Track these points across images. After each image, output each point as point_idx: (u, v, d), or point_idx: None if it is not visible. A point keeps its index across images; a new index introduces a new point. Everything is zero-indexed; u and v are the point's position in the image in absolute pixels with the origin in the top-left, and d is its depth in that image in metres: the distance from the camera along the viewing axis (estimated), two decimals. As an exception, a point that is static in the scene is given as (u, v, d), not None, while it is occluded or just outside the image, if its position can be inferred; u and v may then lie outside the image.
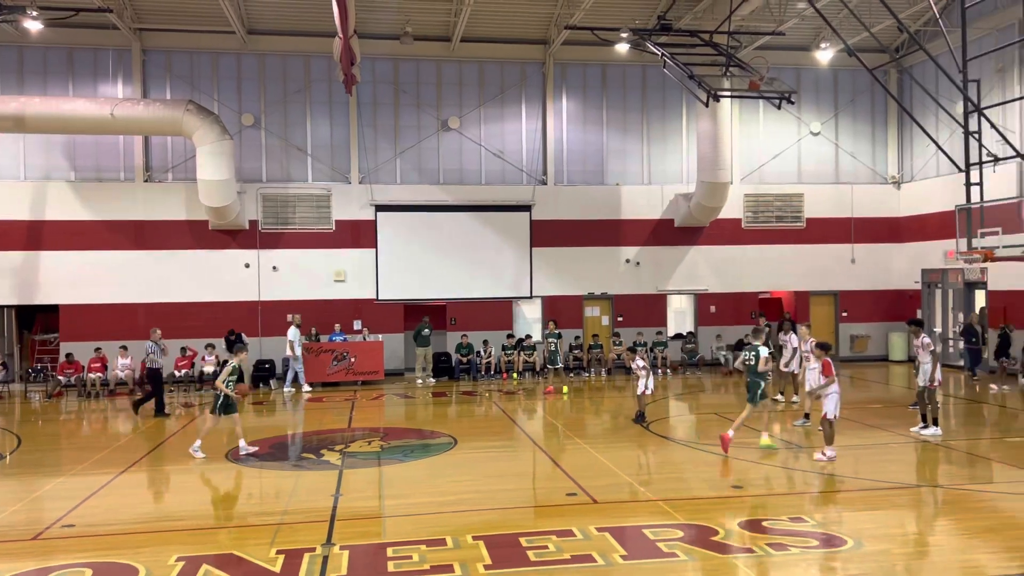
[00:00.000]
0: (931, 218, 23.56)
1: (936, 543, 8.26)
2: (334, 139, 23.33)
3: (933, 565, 7.56)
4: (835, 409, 11.76)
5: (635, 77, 24.53)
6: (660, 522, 8.80)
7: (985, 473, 11.17)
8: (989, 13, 20.66)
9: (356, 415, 16.88)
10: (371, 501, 10.10)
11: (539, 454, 12.92)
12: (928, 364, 13.44)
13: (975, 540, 8.18)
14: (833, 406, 11.74)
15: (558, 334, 20.82)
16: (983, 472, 11.23)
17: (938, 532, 8.71)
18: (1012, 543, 8.04)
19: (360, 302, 23.03)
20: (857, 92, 25.42)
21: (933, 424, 13.43)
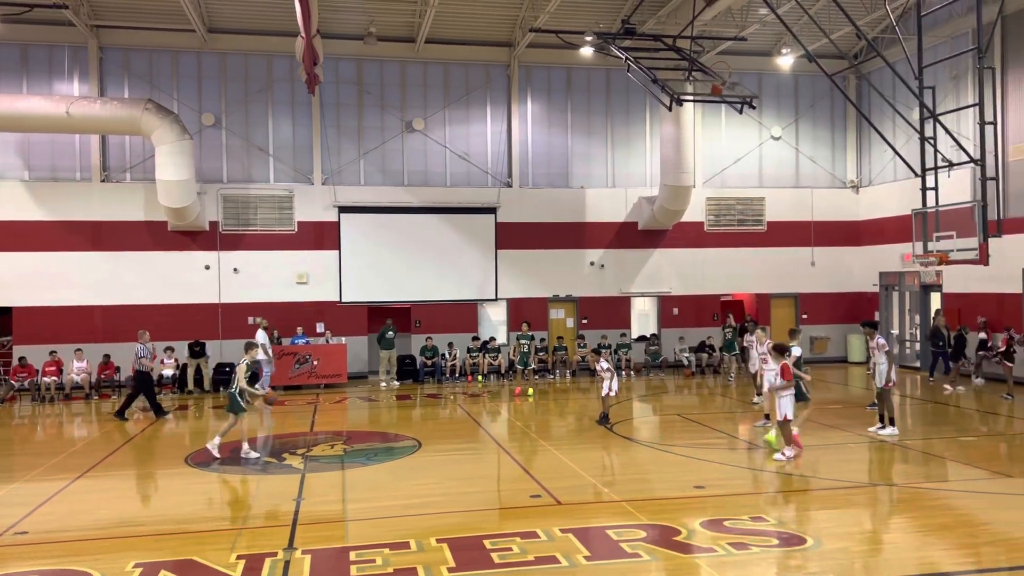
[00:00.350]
0: (889, 222, 24.03)
1: (893, 541, 8.40)
2: (296, 140, 23.10)
3: (889, 562, 7.69)
4: (791, 410, 11.92)
5: (599, 81, 24.67)
6: (624, 523, 8.84)
7: (940, 472, 11.41)
8: (944, 22, 21.15)
9: (319, 419, 16.72)
10: (334, 505, 10.00)
11: (504, 456, 12.91)
12: (884, 365, 13.70)
13: (930, 537, 8.35)
14: (789, 407, 11.90)
15: (531, 336, 20.84)
16: (938, 471, 11.46)
17: (894, 530, 8.87)
18: (965, 540, 8.21)
19: (323, 304, 22.83)
20: (817, 97, 25.84)
21: (890, 424, 13.68)
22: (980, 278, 19.50)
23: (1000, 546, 8.04)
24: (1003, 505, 9.56)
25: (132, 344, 20.43)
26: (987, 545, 8.10)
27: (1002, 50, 19.99)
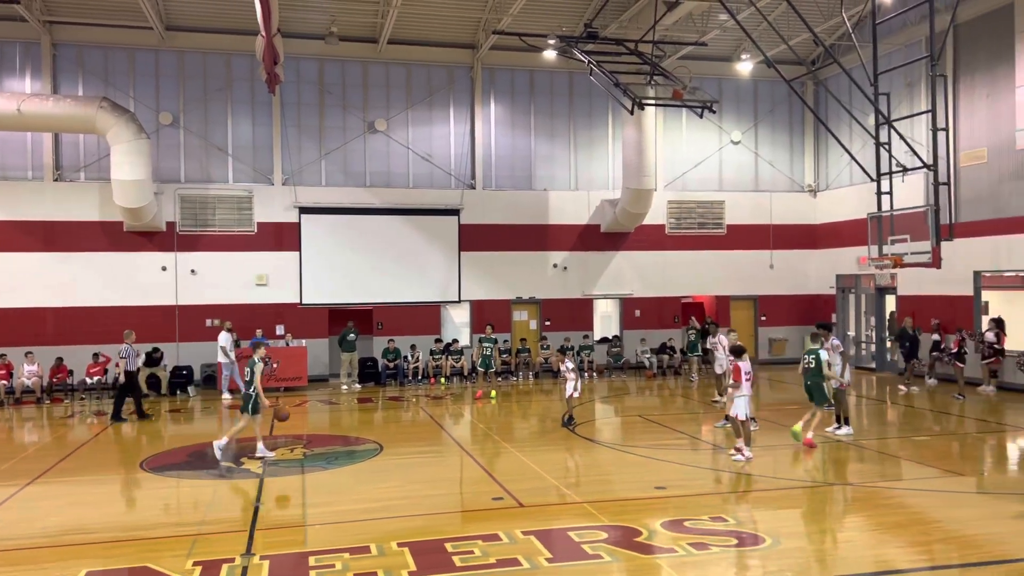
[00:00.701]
0: (845, 225, 24.46)
1: (849, 539, 8.54)
2: (256, 139, 22.81)
3: (846, 560, 7.80)
4: (744, 410, 12.07)
5: (562, 84, 24.76)
6: (585, 524, 8.86)
7: (894, 471, 11.63)
8: (898, 30, 21.62)
9: (278, 422, 16.46)
10: (293, 509, 9.88)
11: (466, 459, 12.87)
12: (838, 366, 13.93)
13: (885, 535, 8.50)
14: (742, 407, 12.04)
15: (493, 339, 20.75)
16: (892, 470, 11.68)
17: (850, 528, 9.01)
18: (919, 538, 8.38)
19: (283, 306, 22.56)
20: (776, 103, 26.23)
21: (845, 424, 13.91)
22: (933, 281, 19.94)
23: (952, 543, 8.22)
24: (955, 503, 9.78)
25: (88, 347, 20.22)
26: (939, 543, 8.27)
27: (954, 58, 20.49)
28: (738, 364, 12.21)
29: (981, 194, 19.94)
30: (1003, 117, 19.12)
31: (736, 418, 12.12)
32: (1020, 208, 18.85)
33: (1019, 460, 12.83)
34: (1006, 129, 18.93)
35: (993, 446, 13.61)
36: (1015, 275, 19.31)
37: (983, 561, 7.62)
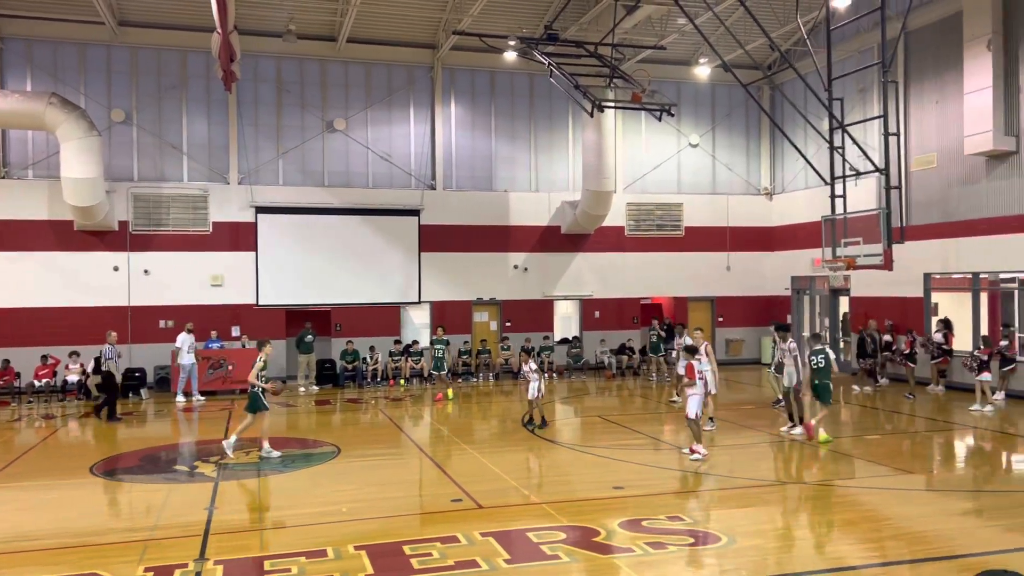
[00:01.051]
0: (800, 228, 24.88)
1: (803, 537, 8.66)
2: (212, 138, 22.44)
3: (801, 558, 7.92)
4: (698, 409, 12.21)
5: (523, 85, 24.79)
6: (544, 525, 8.86)
7: (847, 469, 11.84)
8: (851, 36, 22.06)
9: (234, 425, 16.18)
10: (248, 513, 9.72)
11: (425, 461, 12.80)
12: (792, 367, 14.15)
13: (837, 533, 8.64)
14: (696, 406, 12.18)
15: (445, 341, 20.57)
16: (845, 468, 11.89)
17: (805, 526, 9.15)
18: (870, 535, 8.53)
19: (239, 307, 22.23)
20: (733, 107, 26.58)
21: (800, 423, 14.13)
22: (885, 282, 20.37)
23: (902, 540, 8.38)
24: (905, 500, 9.99)
25: (37, 349, 19.71)
26: (890, 539, 8.43)
27: (905, 65, 20.96)
28: (691, 363, 12.34)
29: (931, 198, 20.43)
30: (952, 123, 19.61)
31: (689, 417, 12.22)
32: (968, 212, 19.35)
33: (966, 458, 13.15)
34: (955, 135, 19.42)
35: (941, 444, 13.94)
36: (963, 277, 19.82)
37: (931, 557, 7.78)
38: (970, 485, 10.92)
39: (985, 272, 19.20)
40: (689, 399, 12.21)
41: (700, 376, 12.32)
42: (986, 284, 19.43)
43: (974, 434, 14.42)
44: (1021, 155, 18.03)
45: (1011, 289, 18.94)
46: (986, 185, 18.92)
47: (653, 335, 22.67)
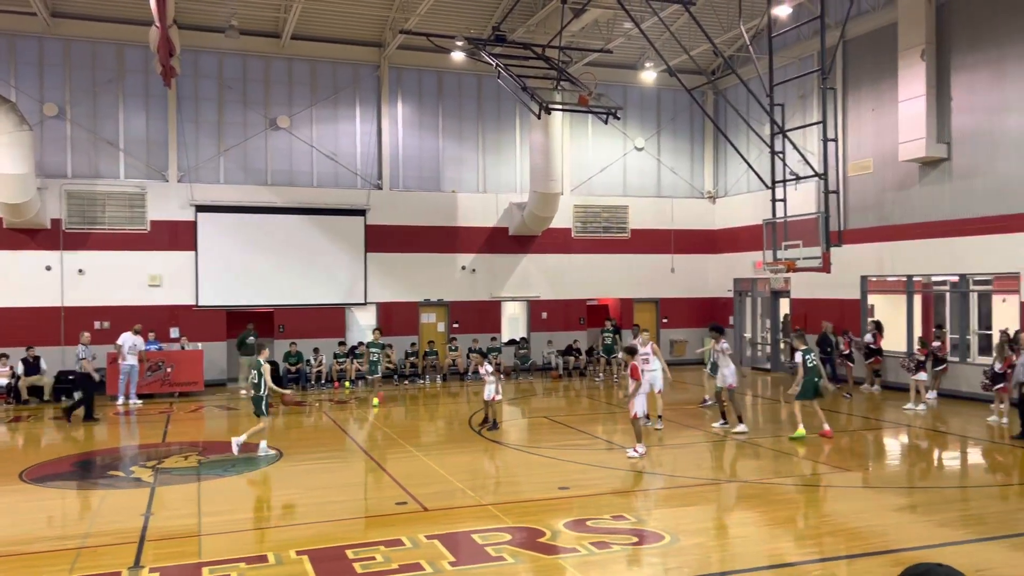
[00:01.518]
0: (742, 231, 25.34)
1: (744, 534, 8.79)
2: (150, 134, 21.85)
3: (742, 555, 8.04)
4: (641, 409, 12.38)
5: (471, 86, 24.74)
6: (490, 526, 8.82)
7: (787, 467, 12.07)
8: (792, 44, 22.56)
9: (172, 428, 15.83)
10: (187, 519, 9.46)
11: (370, 464, 12.65)
12: (727, 367, 14.46)
13: (778, 530, 8.80)
14: (640, 406, 12.33)
15: (381, 344, 20.06)
16: (785, 466, 12.13)
17: (746, 524, 9.28)
18: (809, 531, 8.72)
19: (178, 308, 21.69)
20: (678, 111, 26.95)
21: (739, 421, 14.40)
22: (824, 285, 20.87)
23: (839, 536, 8.58)
24: (842, 497, 10.23)
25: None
26: (828, 535, 8.62)
27: (843, 73, 21.51)
28: (634, 364, 12.51)
29: (867, 202, 21.01)
30: (887, 130, 20.19)
31: (633, 416, 12.36)
32: (902, 216, 19.95)
33: (900, 455, 13.53)
34: (890, 141, 19.99)
35: (877, 442, 14.33)
36: (898, 280, 20.42)
37: (867, 552, 7.98)
38: (904, 482, 11.24)
39: (918, 275, 19.82)
40: (634, 399, 12.32)
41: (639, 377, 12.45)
42: (919, 286, 20.06)
43: (908, 432, 14.85)
44: (952, 162, 18.66)
45: (943, 291, 19.59)
46: (919, 190, 19.53)
47: (607, 336, 22.87)
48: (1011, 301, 17.63)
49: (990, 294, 18.57)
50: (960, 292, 18.84)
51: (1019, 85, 17.11)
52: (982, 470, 12.31)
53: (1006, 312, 17.85)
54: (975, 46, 18.01)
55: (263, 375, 12.88)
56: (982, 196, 17.94)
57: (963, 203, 18.36)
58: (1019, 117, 17.11)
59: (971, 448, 13.63)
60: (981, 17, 17.87)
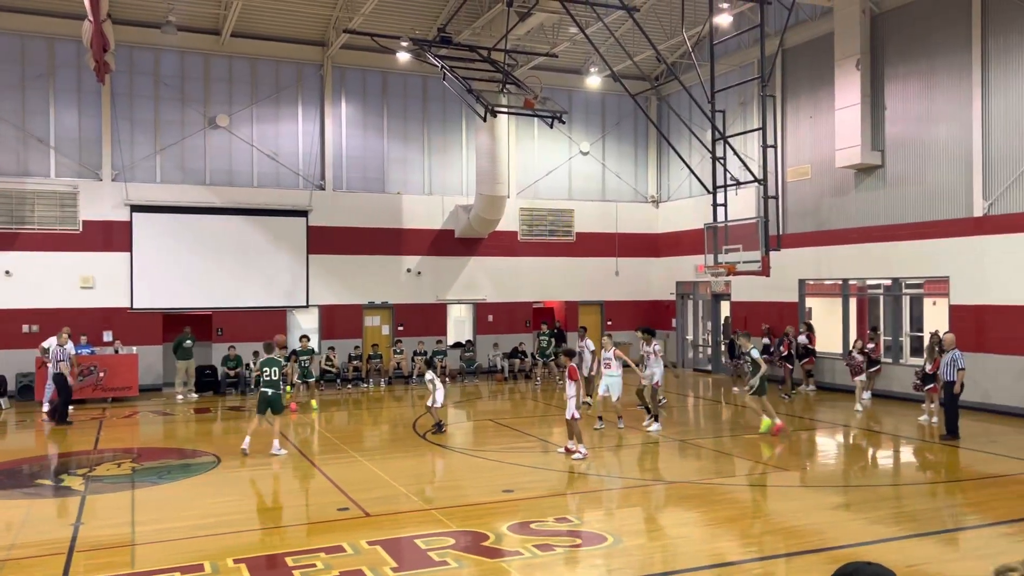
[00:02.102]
0: (684, 235, 25.69)
1: (686, 534, 8.88)
2: (83, 132, 21.15)
3: (684, 555, 8.11)
4: (576, 411, 12.50)
5: (416, 87, 24.58)
6: (433, 531, 8.74)
7: (728, 467, 12.25)
8: (734, 51, 22.98)
9: (104, 435, 15.33)
10: (119, 528, 9.15)
11: (311, 469, 12.42)
12: (656, 368, 14.97)
13: (718, 529, 8.91)
14: (574, 408, 12.46)
15: (311, 350, 19.68)
16: (726, 467, 12.31)
17: (687, 524, 9.38)
18: (748, 531, 8.85)
19: (111, 311, 21.01)
20: (622, 116, 27.21)
21: (655, 420, 14.86)
22: (763, 288, 21.29)
23: (778, 534, 8.73)
24: (781, 496, 10.42)
25: None
26: (767, 534, 8.76)
27: (782, 80, 22.00)
28: (572, 365, 12.66)
29: (805, 208, 21.50)
30: (825, 137, 20.70)
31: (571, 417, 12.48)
32: (839, 222, 20.47)
33: (835, 455, 13.85)
34: (827, 148, 20.50)
35: (812, 441, 14.65)
36: (834, 283, 20.95)
37: (805, 550, 8.13)
38: (839, 480, 11.50)
39: (854, 278, 20.36)
40: (570, 400, 12.45)
41: (577, 379, 12.62)
42: (855, 290, 20.60)
43: (843, 432, 15.23)
44: (886, 169, 19.22)
45: (877, 295, 20.16)
46: (855, 196, 20.06)
47: (543, 339, 22.94)
48: (941, 304, 18.24)
49: (921, 297, 19.19)
50: (893, 295, 19.41)
51: (948, 96, 17.73)
52: (913, 468, 12.68)
53: (936, 315, 18.46)
54: (907, 57, 18.59)
55: (281, 372, 13.12)
56: (914, 202, 18.52)
57: (896, 209, 18.93)
58: (948, 127, 17.72)
59: (903, 447, 14.04)
60: (913, 30, 18.47)
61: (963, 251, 17.25)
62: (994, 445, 13.32)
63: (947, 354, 14.17)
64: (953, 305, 17.49)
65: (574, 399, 12.41)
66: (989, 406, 16.29)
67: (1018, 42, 16.23)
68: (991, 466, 12.01)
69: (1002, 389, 16.31)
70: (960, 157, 17.43)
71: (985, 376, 16.30)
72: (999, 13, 16.61)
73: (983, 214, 16.90)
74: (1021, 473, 11.43)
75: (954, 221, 17.51)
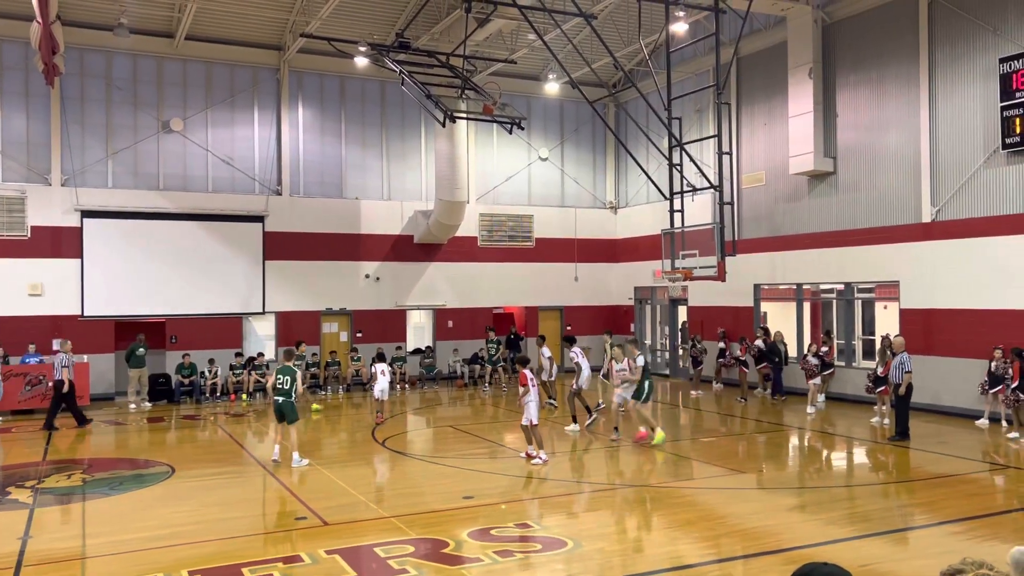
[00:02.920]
0: (642, 240, 25.93)
1: (645, 538, 8.95)
2: (31, 135, 20.62)
3: (644, 558, 8.17)
4: (535, 415, 12.55)
5: (374, 92, 24.45)
6: (393, 539, 8.68)
7: (686, 471, 12.38)
8: (690, 59, 23.30)
9: (53, 446, 14.94)
10: (70, 541, 8.93)
11: (268, 479, 12.24)
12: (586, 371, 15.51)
13: (677, 533, 8.99)
14: (533, 413, 12.52)
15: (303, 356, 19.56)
16: (684, 470, 12.43)
17: (646, 528, 9.45)
18: (707, 533, 8.94)
19: (61, 319, 20.49)
20: (580, 123, 27.38)
21: (574, 421, 15.33)
22: (719, 293, 21.56)
23: (735, 537, 8.83)
24: (738, 499, 10.55)
25: None
26: (725, 536, 8.86)
27: (737, 88, 22.34)
28: (523, 372, 12.76)
29: (760, 214, 21.85)
30: (779, 144, 21.07)
31: (529, 424, 12.53)
32: (793, 227, 20.84)
33: (791, 457, 14.08)
34: (781, 155, 20.87)
35: (769, 444, 14.86)
36: (788, 288, 21.30)
37: (762, 552, 8.24)
38: (795, 482, 11.69)
39: (807, 283, 20.73)
40: (527, 406, 12.49)
41: (533, 384, 12.71)
42: (808, 294, 20.98)
43: (798, 434, 15.48)
44: (838, 175, 19.62)
45: (830, 299, 20.55)
46: (808, 202, 20.45)
47: (491, 346, 23.03)
48: (892, 308, 18.66)
49: (873, 301, 19.61)
50: (846, 299, 19.81)
51: (897, 104, 18.18)
52: (866, 469, 12.94)
53: (888, 318, 18.89)
54: (858, 66, 19.03)
55: (295, 382, 12.82)
56: (865, 208, 18.94)
57: (848, 215, 19.33)
58: (897, 134, 18.17)
59: (856, 448, 14.31)
60: (863, 39, 18.91)
61: (912, 256, 17.68)
62: (943, 446, 13.66)
63: (896, 357, 14.50)
64: (903, 309, 17.91)
65: (531, 405, 12.43)
66: (938, 407, 16.70)
67: (964, 52, 16.72)
68: (940, 466, 12.31)
69: (950, 391, 16.74)
70: (909, 164, 17.88)
71: (934, 378, 16.71)
72: (945, 24, 17.10)
73: (931, 220, 17.35)
74: (969, 473, 11.75)
75: (904, 227, 17.95)
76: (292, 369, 13.02)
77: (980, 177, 16.43)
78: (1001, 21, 16.02)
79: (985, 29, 16.27)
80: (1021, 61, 15.34)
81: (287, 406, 12.77)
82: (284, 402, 12.80)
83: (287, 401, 12.78)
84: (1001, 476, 11.85)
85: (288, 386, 12.79)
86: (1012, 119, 15.49)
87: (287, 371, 12.96)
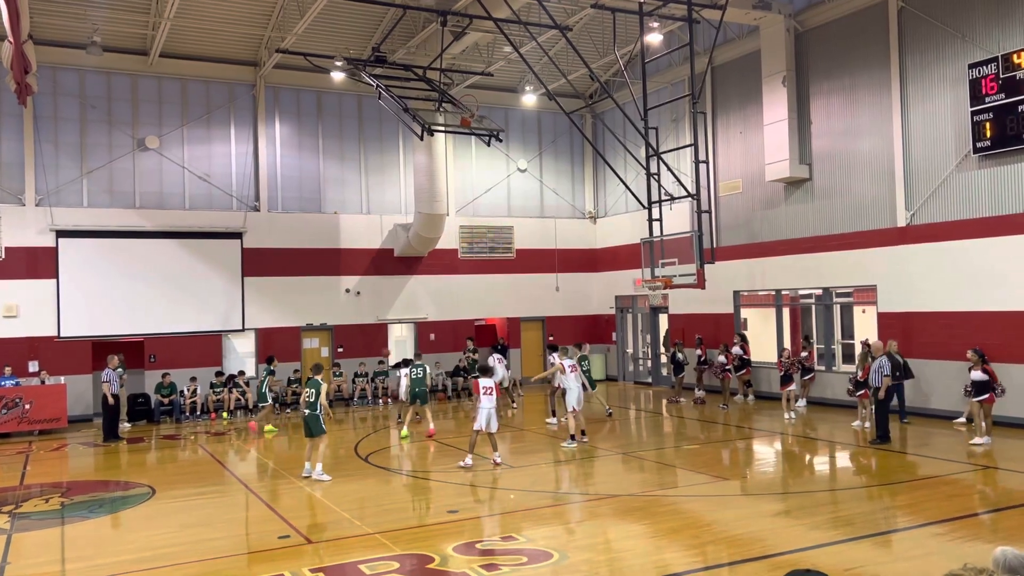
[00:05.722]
0: (622, 250, 26.03)
1: (631, 548, 8.94)
2: (4, 155, 20.38)
3: (630, 568, 8.15)
4: (485, 423, 12.96)
5: (351, 106, 24.43)
6: (377, 555, 8.61)
7: (670, 479, 12.39)
8: (665, 69, 23.48)
9: (31, 469, 14.71)
10: (49, 567, 8.78)
11: (250, 497, 12.12)
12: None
13: (663, 541, 8.99)
14: (483, 420, 12.94)
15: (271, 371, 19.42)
16: (669, 478, 12.45)
17: (633, 537, 9.44)
18: (692, 541, 8.95)
19: (37, 340, 20.23)
20: (558, 134, 27.50)
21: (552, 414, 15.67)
22: (699, 300, 21.67)
23: (721, 543, 8.85)
24: (723, 506, 10.57)
25: None
26: (711, 544, 8.87)
27: (712, 97, 22.54)
28: (477, 381, 13.31)
29: (738, 221, 22.01)
30: (754, 151, 21.26)
31: (482, 429, 12.94)
32: (770, 234, 21.01)
33: (773, 462, 14.14)
34: (757, 162, 21.05)
35: (751, 451, 14.93)
36: (767, 294, 21.46)
37: (747, 558, 8.26)
38: (778, 488, 11.73)
39: (786, 289, 20.89)
40: (479, 412, 12.98)
41: (486, 392, 13.15)
42: (787, 300, 21.14)
43: (780, 440, 15.56)
44: (814, 182, 19.82)
45: (809, 304, 20.72)
46: (785, 209, 20.63)
47: (469, 356, 23.00)
48: (870, 312, 18.84)
49: (851, 306, 19.79)
50: (824, 305, 19.98)
51: (870, 111, 18.41)
52: (849, 473, 13.02)
53: (866, 322, 19.06)
54: (831, 74, 19.26)
55: (319, 395, 12.79)
56: (841, 214, 19.13)
57: (824, 221, 19.52)
58: (870, 140, 18.39)
59: (838, 452, 14.40)
60: (835, 47, 19.15)
61: (888, 260, 17.87)
62: (924, 448, 13.78)
63: (875, 361, 14.63)
64: (881, 312, 18.09)
65: (482, 412, 12.95)
66: (918, 409, 16.85)
67: (933, 58, 16.98)
68: (921, 468, 12.42)
69: (929, 393, 16.90)
70: (883, 169, 18.10)
71: (913, 380, 16.85)
72: (914, 31, 17.36)
73: (906, 224, 17.56)
74: (949, 474, 11.85)
75: (879, 231, 18.15)
76: (318, 382, 12.99)
77: (953, 181, 16.66)
78: (969, 28, 16.29)
79: (954, 36, 16.54)
80: (990, 66, 15.60)
81: (311, 419, 12.81)
82: (308, 415, 12.84)
83: (312, 414, 12.80)
84: (980, 476, 11.97)
85: (313, 399, 12.82)
86: (982, 123, 15.73)
87: (313, 384, 13.02)
